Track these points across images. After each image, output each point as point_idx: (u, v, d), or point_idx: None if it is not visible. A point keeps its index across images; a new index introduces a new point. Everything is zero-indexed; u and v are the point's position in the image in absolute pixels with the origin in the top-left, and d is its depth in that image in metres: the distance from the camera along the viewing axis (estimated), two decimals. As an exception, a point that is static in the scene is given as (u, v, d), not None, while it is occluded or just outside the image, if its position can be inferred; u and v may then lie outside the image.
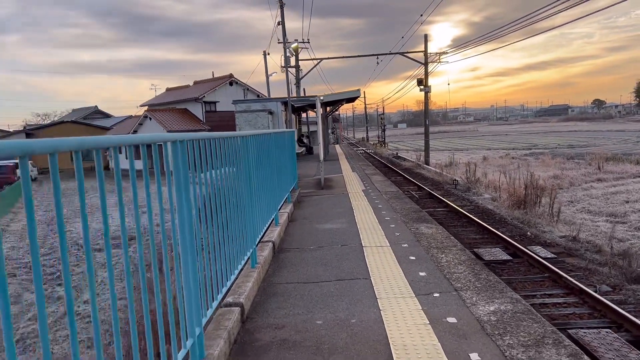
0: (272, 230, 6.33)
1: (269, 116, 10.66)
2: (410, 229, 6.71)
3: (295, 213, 8.45)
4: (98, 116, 65.77)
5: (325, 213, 8.32)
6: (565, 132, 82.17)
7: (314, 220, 7.73)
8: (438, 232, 6.56)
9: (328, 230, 6.87)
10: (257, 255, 4.96)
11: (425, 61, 29.04)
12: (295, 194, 9.82)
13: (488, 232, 11.21)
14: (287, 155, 8.71)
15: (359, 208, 8.60)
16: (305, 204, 9.54)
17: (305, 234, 6.70)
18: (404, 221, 7.28)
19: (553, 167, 26.89)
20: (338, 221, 7.51)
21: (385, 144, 50.39)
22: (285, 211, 7.74)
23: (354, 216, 7.86)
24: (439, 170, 23.38)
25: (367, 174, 15.46)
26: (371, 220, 7.41)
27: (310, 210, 8.72)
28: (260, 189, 5.55)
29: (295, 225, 7.36)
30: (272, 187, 6.58)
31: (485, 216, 13.39)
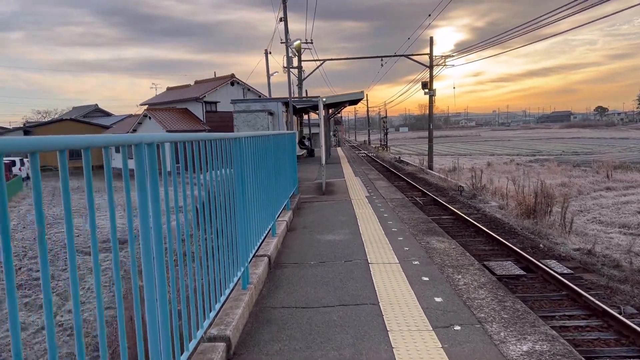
0: (268, 242, 5.74)
1: (268, 117, 10.07)
2: (420, 243, 6.11)
3: (294, 221, 7.86)
4: (98, 114, 65.33)
5: (327, 222, 7.72)
6: (569, 139, 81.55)
7: (315, 229, 7.14)
8: (451, 247, 5.97)
9: (330, 242, 6.28)
10: (250, 274, 4.37)
11: (430, 64, 28.47)
12: (295, 199, 9.24)
13: (498, 244, 10.61)
14: (286, 158, 8.13)
15: (363, 217, 8.01)
16: (305, 211, 8.95)
17: (305, 246, 6.11)
18: (412, 233, 6.69)
19: (560, 175, 26.28)
20: (341, 231, 6.92)
21: (387, 148, 49.82)
22: (284, 219, 7.15)
23: (358, 226, 7.27)
24: (443, 176, 22.78)
25: (370, 178, 14.87)
26: (377, 231, 6.82)
27: (311, 218, 8.13)
28: (255, 197, 4.97)
29: (294, 236, 6.77)
30: (270, 195, 5.99)
31: (494, 226, 12.79)
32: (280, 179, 7.19)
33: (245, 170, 4.29)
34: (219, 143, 3.49)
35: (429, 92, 28.14)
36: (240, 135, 4.21)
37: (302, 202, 9.97)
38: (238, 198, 4.13)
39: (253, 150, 4.91)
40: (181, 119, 36.77)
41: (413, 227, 7.08)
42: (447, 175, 23.11)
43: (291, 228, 7.33)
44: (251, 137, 4.71)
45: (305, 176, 16.22)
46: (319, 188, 12.34)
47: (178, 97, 41.31)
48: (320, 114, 10.85)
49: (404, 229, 6.98)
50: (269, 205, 5.90)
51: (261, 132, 5.66)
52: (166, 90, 47.41)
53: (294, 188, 9.45)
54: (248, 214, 4.69)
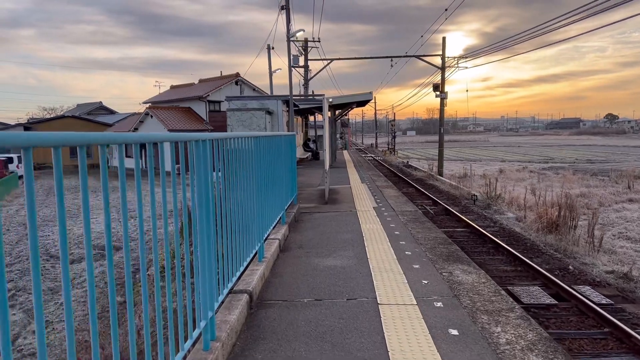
0: (253, 270, 4.60)
1: (266, 116, 8.92)
2: (441, 273, 4.95)
3: (290, 238, 6.72)
4: (102, 112, 64.68)
5: (327, 240, 6.58)
6: (580, 146, 79.95)
7: (313, 250, 5.99)
8: (480, 280, 4.80)
9: (330, 270, 5.13)
10: (219, 323, 3.24)
11: (443, 65, 27.27)
12: (294, 210, 8.10)
13: (521, 263, 9.43)
14: (283, 164, 7.00)
15: (370, 234, 6.85)
16: (304, 224, 7.80)
17: (299, 276, 4.96)
18: (430, 258, 5.53)
19: (576, 184, 24.98)
20: (344, 254, 5.77)
21: (395, 152, 48.59)
22: (276, 238, 6.01)
23: (364, 246, 6.12)
24: (455, 183, 21.56)
25: (378, 186, 13.71)
26: (387, 255, 5.66)
27: (310, 234, 6.98)
28: (234, 218, 3.85)
29: (287, 259, 5.62)
30: (258, 211, 4.86)
31: (514, 241, 11.59)
32: (274, 189, 6.06)
33: (210, 185, 3.16)
34: (164, 146, 2.37)
35: (440, 95, 26.94)
36: (205, 137, 3.08)
37: (301, 213, 8.83)
38: (202, 221, 3.00)
39: (232, 156, 3.79)
40: (183, 118, 35.76)
41: (430, 250, 5.92)
42: (459, 183, 21.88)
43: (285, 248, 6.18)
44: (226, 139, 3.58)
45: (308, 181, 15.09)
46: (321, 196, 11.21)
47: (181, 96, 40.33)
48: (325, 114, 9.73)
49: (419, 252, 5.81)
50: (255, 225, 4.77)
51: (246, 133, 4.53)
52: (170, 89, 46.47)
53: (292, 197, 8.31)
54: (226, 238, 3.57)
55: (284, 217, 6.97)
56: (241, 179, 4.24)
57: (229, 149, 3.64)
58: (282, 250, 6.05)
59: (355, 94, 21.49)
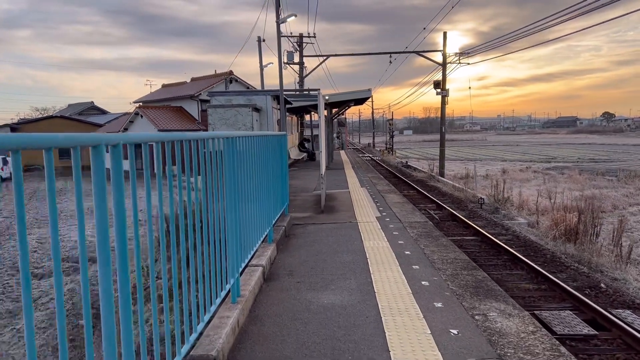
0: (222, 318, 3.41)
1: (253, 114, 7.72)
2: (473, 316, 3.77)
3: (277, 261, 5.52)
4: (94, 112, 63.33)
5: (323, 263, 5.38)
6: (579, 145, 79.01)
7: (305, 280, 4.79)
8: (527, 327, 3.62)
9: (327, 311, 3.94)
10: None
11: (444, 62, 26.09)
12: (283, 224, 6.90)
13: (545, 280, 8.26)
14: (270, 170, 5.81)
15: (375, 255, 5.66)
16: (296, 240, 6.61)
17: (286, 321, 3.76)
18: (454, 291, 4.34)
19: (584, 185, 23.86)
20: (344, 285, 4.58)
21: (393, 151, 47.43)
22: (260, 264, 4.81)
23: (369, 273, 4.93)
24: (459, 185, 20.40)
25: (380, 190, 12.52)
26: (399, 287, 4.47)
27: (302, 256, 5.78)
28: (200, 248, 2.68)
29: (271, 294, 4.42)
30: (232, 235, 3.67)
31: (531, 252, 10.42)
32: (258, 203, 4.87)
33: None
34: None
35: (441, 92, 25.76)
36: (146, 138, 1.89)
37: (293, 225, 7.63)
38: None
39: (191, 162, 2.62)
40: (174, 117, 34.50)
41: (452, 279, 4.73)
42: (464, 185, 20.71)
43: (271, 275, 4.98)
44: (169, 141, 2.39)
45: (303, 185, 13.89)
46: (317, 203, 10.02)
47: (173, 95, 39.05)
48: (320, 110, 8.53)
49: (439, 282, 4.62)
50: (230, 253, 3.58)
51: (212, 133, 3.35)
52: (161, 88, 45.19)
53: (282, 208, 7.12)
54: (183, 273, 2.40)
55: (270, 235, 5.77)
56: (209, 193, 3.06)
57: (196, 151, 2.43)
58: (267, 279, 4.84)
59: (353, 91, 20.32)
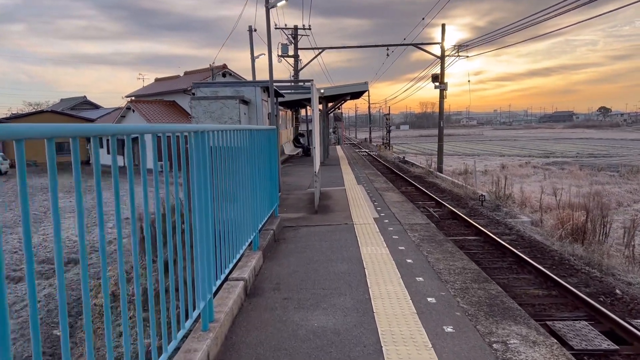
0: (188, 353, 2.78)
1: (240, 106, 7.09)
2: (490, 344, 3.16)
3: (263, 272, 4.89)
4: (87, 107, 62.31)
5: (315, 274, 4.76)
6: (576, 139, 78.59)
7: (294, 295, 4.17)
8: (554, 357, 3.01)
9: (317, 337, 3.32)
10: None
11: (442, 54, 25.44)
12: (272, 227, 6.28)
13: (555, 285, 7.69)
14: (258, 169, 5.18)
15: (374, 264, 5.05)
16: (285, 245, 5.98)
17: (268, 351, 3.14)
18: (465, 311, 3.74)
19: (585, 180, 23.34)
20: (339, 303, 3.96)
21: (390, 147, 46.81)
22: (241, 277, 4.19)
23: (366, 287, 4.32)
24: (459, 181, 19.81)
25: (377, 188, 11.90)
26: (402, 305, 3.86)
27: (292, 264, 5.16)
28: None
29: (253, 314, 3.80)
30: (206, 247, 3.05)
31: (538, 253, 9.85)
32: (242, 206, 4.25)
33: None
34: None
35: (439, 86, 25.13)
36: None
37: (284, 228, 7.01)
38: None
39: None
40: (167, 112, 33.76)
41: (462, 294, 4.12)
42: (464, 181, 20.11)
43: (254, 290, 4.36)
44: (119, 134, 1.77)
45: (297, 182, 13.26)
46: (311, 201, 9.40)
47: (166, 89, 38.29)
48: (314, 103, 7.88)
49: (448, 299, 4.01)
50: (205, 267, 2.96)
51: (181, 126, 2.73)
52: (154, 82, 44.39)
53: (271, 210, 6.49)
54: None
55: (256, 241, 5.14)
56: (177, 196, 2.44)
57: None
58: (251, 294, 4.22)
59: (349, 84, 19.67)
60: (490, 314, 3.69)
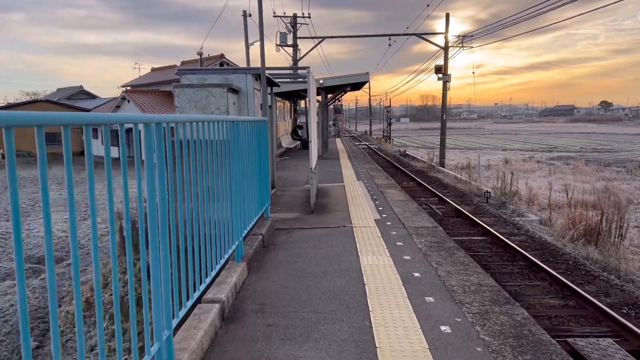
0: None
1: (229, 95, 6.36)
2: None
3: (246, 289, 4.20)
4: (83, 97, 61.43)
5: (307, 293, 4.07)
6: (578, 134, 77.81)
7: (280, 322, 3.48)
8: None
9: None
10: None
11: (446, 45, 24.64)
12: (262, 230, 5.59)
13: (572, 294, 7.02)
14: (244, 165, 4.49)
15: (376, 280, 4.36)
16: (275, 255, 5.29)
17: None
18: (488, 346, 3.05)
19: (592, 176, 22.64)
20: (332, 333, 3.28)
21: (390, 140, 46.07)
22: (217, 299, 3.50)
23: (367, 311, 3.63)
24: (463, 177, 19.12)
25: (378, 184, 11.21)
26: (410, 337, 3.18)
27: (280, 278, 4.47)
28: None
29: (227, 350, 3.10)
30: (157, 274, 2.36)
31: (550, 256, 9.17)
32: (221, 210, 3.56)
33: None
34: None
35: (443, 78, 24.35)
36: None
37: (275, 230, 6.32)
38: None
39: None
40: (163, 102, 32.96)
41: (482, 321, 3.44)
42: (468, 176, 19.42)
43: (234, 313, 3.67)
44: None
45: (293, 177, 12.56)
46: (307, 199, 8.70)
47: (162, 79, 37.43)
48: (310, 92, 7.14)
49: (466, 328, 3.32)
50: (164, 291, 2.27)
51: (129, 116, 2.03)
52: (150, 72, 43.54)
53: (261, 211, 5.80)
54: None
55: (240, 251, 4.45)
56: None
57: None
58: (229, 318, 3.54)
59: (350, 75, 18.92)
60: (519, 350, 3.01)
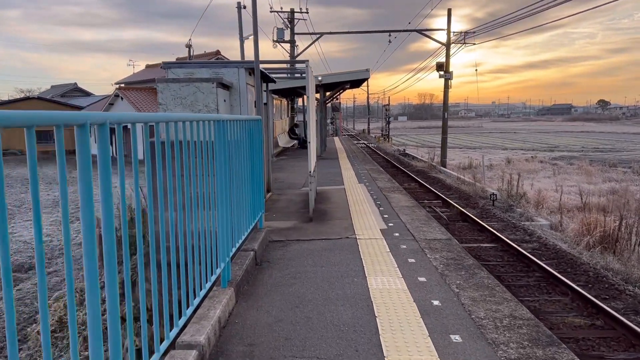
0: None
1: (218, 91, 5.62)
2: None
3: (233, 321, 3.49)
4: (77, 94, 60.58)
5: (306, 327, 3.37)
6: (578, 133, 77.27)
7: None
8: None
9: None
10: None
11: (448, 41, 23.94)
12: (254, 244, 4.88)
13: (598, 311, 6.34)
14: (235, 171, 3.79)
15: (389, 311, 3.66)
16: (268, 275, 4.58)
17: None
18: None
19: (598, 177, 22.02)
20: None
21: (389, 138, 45.38)
22: (195, 342, 2.79)
23: (381, 355, 2.93)
24: (469, 179, 18.44)
25: (381, 187, 10.51)
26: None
27: (274, 308, 3.76)
28: None
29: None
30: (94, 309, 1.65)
31: (568, 266, 8.50)
32: (208, 227, 2.85)
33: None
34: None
35: (445, 75, 23.65)
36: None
37: (270, 244, 5.61)
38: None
39: None
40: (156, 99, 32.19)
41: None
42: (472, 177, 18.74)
43: (215, 355, 2.96)
44: None
45: (290, 180, 11.86)
46: (305, 205, 7.99)
47: (157, 76, 36.68)
48: (309, 86, 6.44)
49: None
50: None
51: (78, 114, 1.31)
52: (145, 69, 42.72)
53: (254, 221, 5.08)
54: None
55: (227, 273, 3.74)
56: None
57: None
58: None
59: (349, 72, 18.22)
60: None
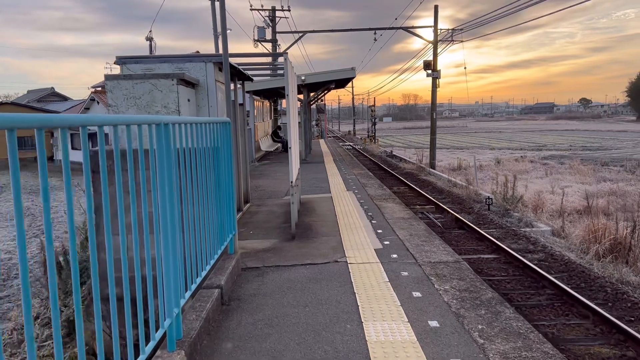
0: None
1: (180, 89, 4.65)
2: None
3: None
4: (54, 99, 58.91)
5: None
6: (563, 131, 77.41)
7: None
8: None
9: None
10: None
11: (435, 39, 23.16)
12: (222, 276, 3.90)
13: (627, 337, 5.48)
14: (196, 188, 2.83)
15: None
16: (235, 322, 3.60)
17: None
18: None
19: (592, 177, 21.41)
20: None
21: (375, 139, 44.57)
22: None
23: None
24: (461, 182, 17.63)
25: (372, 195, 9.57)
26: None
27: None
28: None
29: None
30: None
31: (579, 280, 7.65)
32: (146, 269, 1.87)
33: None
34: None
35: (432, 74, 22.86)
36: None
37: (243, 272, 4.63)
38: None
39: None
40: (134, 103, 30.96)
41: None
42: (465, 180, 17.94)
43: None
44: None
45: (271, 187, 10.87)
46: (287, 218, 7.02)
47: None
48: (288, 82, 5.46)
49: None
50: None
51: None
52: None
53: (221, 248, 4.10)
54: None
55: (178, 330, 2.77)
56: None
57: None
58: None
59: (334, 71, 17.29)
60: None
